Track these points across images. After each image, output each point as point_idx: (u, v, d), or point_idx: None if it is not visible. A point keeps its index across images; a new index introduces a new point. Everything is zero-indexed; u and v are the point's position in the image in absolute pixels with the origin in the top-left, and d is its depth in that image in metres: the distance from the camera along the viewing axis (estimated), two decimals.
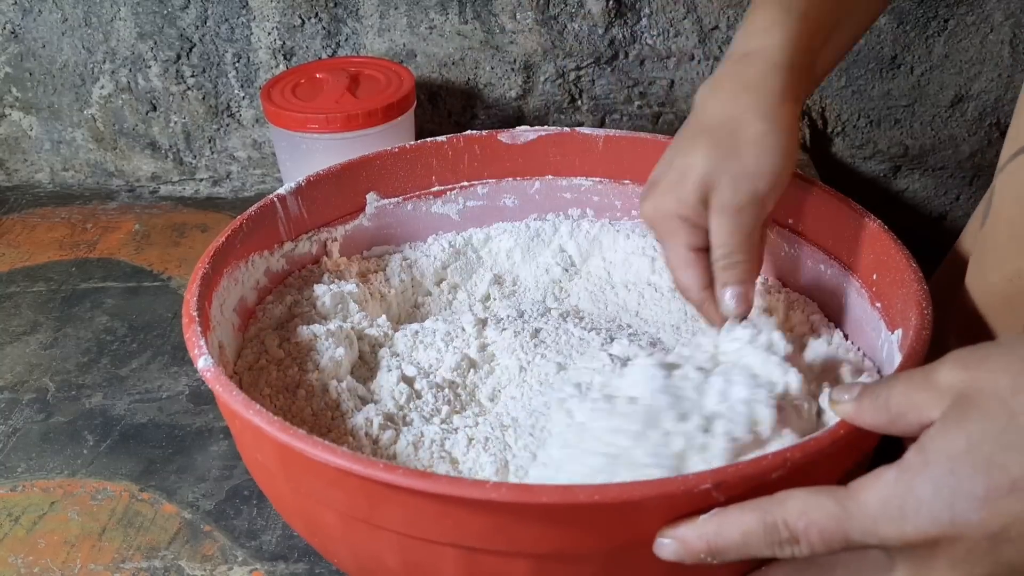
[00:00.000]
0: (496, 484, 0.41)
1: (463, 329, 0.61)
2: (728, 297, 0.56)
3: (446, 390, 0.57)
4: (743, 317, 0.56)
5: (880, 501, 0.39)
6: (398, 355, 0.60)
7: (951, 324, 0.59)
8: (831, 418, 0.49)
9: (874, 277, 0.59)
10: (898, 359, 0.52)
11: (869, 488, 0.39)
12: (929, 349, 0.50)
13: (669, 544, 0.42)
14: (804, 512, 0.40)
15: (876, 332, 0.58)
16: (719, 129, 0.56)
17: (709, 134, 0.57)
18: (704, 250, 0.57)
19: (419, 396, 0.56)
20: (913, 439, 0.40)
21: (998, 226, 0.58)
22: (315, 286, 0.63)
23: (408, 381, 0.57)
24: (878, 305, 0.58)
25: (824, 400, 0.51)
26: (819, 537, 0.40)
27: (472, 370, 0.59)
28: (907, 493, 0.38)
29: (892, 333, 0.56)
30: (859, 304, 0.61)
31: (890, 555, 0.40)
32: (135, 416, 0.70)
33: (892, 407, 0.41)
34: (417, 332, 0.61)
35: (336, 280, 0.65)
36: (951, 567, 0.38)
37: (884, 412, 0.42)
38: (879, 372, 0.58)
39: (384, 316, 0.64)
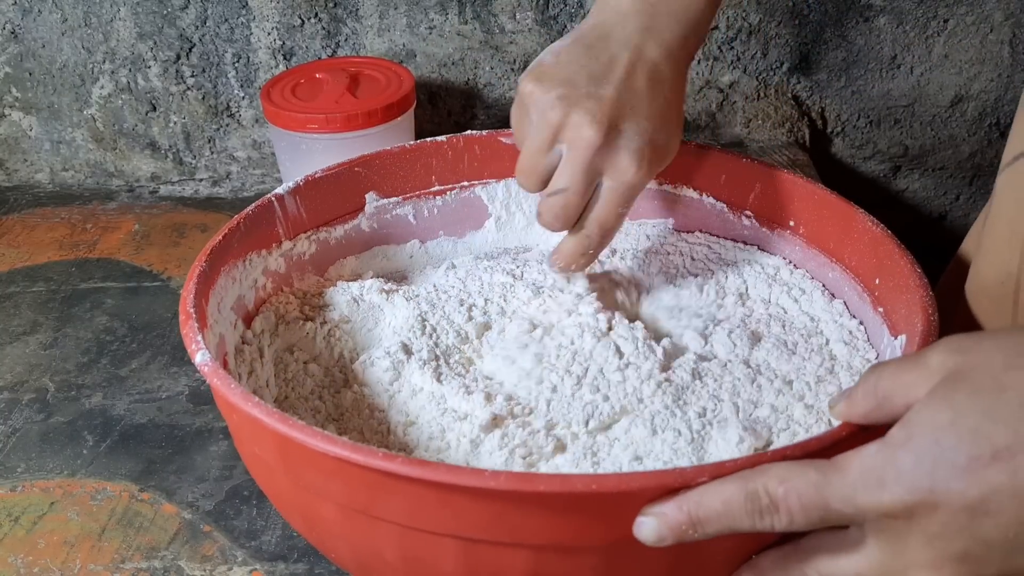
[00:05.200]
0: (494, 472, 0.41)
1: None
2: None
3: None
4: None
5: (860, 470, 0.38)
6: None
7: (951, 327, 0.59)
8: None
9: (876, 282, 0.59)
10: None
11: (851, 458, 0.39)
12: None
13: (648, 521, 0.41)
14: (785, 479, 0.39)
15: (878, 337, 0.58)
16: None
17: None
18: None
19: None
20: None
21: (997, 227, 0.58)
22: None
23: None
24: (880, 310, 0.58)
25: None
26: (798, 504, 0.39)
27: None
28: (888, 462, 0.38)
29: (895, 339, 0.55)
30: (861, 308, 0.61)
31: (864, 532, 0.40)
32: (135, 416, 0.70)
33: (880, 390, 0.41)
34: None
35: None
36: (926, 542, 0.38)
37: (872, 396, 0.41)
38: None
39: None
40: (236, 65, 0.97)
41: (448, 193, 0.71)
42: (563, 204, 0.56)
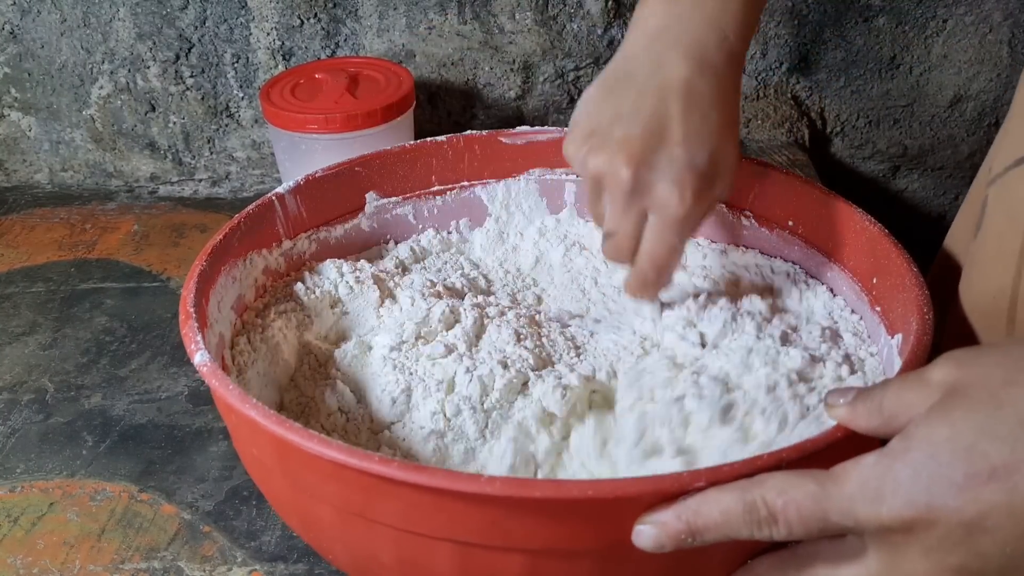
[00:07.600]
0: (490, 478, 0.41)
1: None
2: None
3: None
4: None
5: (859, 482, 0.39)
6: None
7: (945, 330, 0.59)
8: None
9: (874, 281, 0.59)
10: (898, 364, 0.52)
11: (849, 470, 0.39)
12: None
13: (647, 530, 0.41)
14: (783, 491, 0.40)
15: (875, 336, 0.58)
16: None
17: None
18: None
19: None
20: None
21: (988, 240, 0.58)
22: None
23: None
24: (878, 309, 0.58)
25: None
26: (797, 516, 0.39)
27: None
28: (886, 475, 0.38)
29: (892, 338, 0.55)
30: (859, 307, 0.61)
31: (865, 542, 0.40)
32: (134, 417, 0.70)
33: (885, 409, 0.41)
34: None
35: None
36: (924, 555, 0.38)
37: (877, 415, 0.41)
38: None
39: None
40: (235, 65, 0.97)
41: (448, 193, 0.71)
42: (615, 246, 0.57)
